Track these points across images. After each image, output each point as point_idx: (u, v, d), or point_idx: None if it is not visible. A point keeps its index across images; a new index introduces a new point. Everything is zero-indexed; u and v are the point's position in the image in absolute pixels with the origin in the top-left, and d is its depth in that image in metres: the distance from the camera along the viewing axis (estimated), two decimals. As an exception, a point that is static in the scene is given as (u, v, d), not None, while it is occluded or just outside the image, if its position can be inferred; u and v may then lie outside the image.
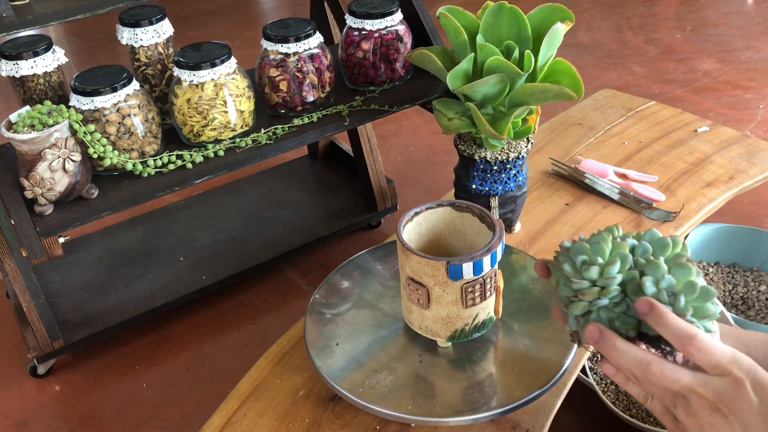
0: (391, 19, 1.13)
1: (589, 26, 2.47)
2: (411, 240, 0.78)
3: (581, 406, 1.07)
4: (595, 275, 0.55)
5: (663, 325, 0.52)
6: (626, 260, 0.55)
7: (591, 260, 0.56)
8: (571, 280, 0.56)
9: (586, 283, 0.56)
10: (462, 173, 1.02)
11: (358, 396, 0.74)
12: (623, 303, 0.56)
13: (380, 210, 1.43)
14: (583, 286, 0.56)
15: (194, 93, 0.99)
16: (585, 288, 0.56)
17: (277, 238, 1.36)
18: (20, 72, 0.99)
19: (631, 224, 1.06)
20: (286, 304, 1.33)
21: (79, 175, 0.93)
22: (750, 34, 2.33)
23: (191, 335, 1.27)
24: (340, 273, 0.91)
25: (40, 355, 1.14)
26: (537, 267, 0.62)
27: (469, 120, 0.96)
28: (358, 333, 0.82)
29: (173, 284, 1.27)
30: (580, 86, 0.90)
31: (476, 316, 0.76)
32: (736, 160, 1.20)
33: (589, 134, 1.31)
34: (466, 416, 0.71)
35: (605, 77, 2.10)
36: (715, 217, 1.24)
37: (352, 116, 1.10)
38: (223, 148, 1.03)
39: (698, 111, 1.85)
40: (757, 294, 1.17)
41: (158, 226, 1.41)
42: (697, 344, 0.51)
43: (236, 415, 0.80)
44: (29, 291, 1.07)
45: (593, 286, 0.55)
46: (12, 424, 1.12)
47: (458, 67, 0.91)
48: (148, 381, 1.18)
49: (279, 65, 1.06)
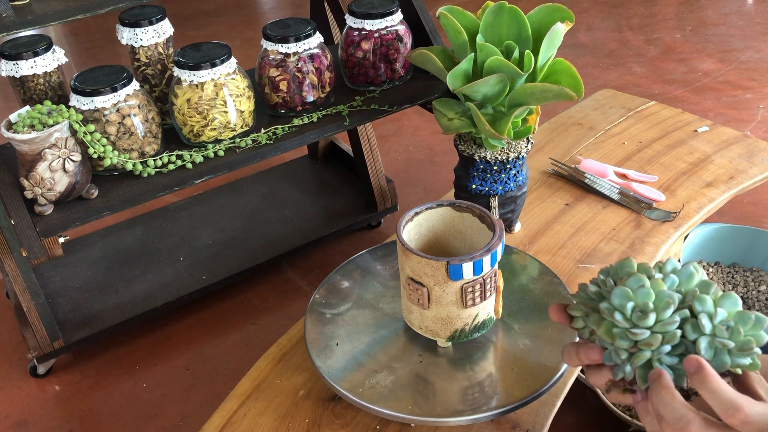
0: (391, 19, 1.13)
1: (589, 26, 2.47)
2: (411, 240, 0.78)
3: (581, 406, 1.07)
4: (652, 322, 0.52)
5: (708, 390, 0.49)
6: (675, 300, 0.52)
7: (643, 306, 0.52)
8: (630, 331, 0.52)
9: (647, 332, 0.52)
10: (462, 173, 1.02)
11: (358, 396, 0.74)
12: (681, 345, 0.52)
13: (380, 210, 1.44)
14: (644, 337, 0.52)
15: (194, 93, 0.99)
16: (647, 338, 0.52)
17: (277, 238, 1.36)
18: (20, 72, 0.99)
19: (631, 224, 1.06)
20: (286, 304, 1.33)
21: (79, 175, 0.93)
22: (750, 34, 2.33)
23: (191, 335, 1.27)
24: (340, 273, 0.91)
25: (40, 355, 1.14)
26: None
27: (469, 120, 0.96)
28: (358, 333, 0.82)
29: (173, 284, 1.27)
30: (580, 86, 0.90)
31: (476, 316, 0.76)
32: (736, 160, 1.20)
33: (589, 134, 1.31)
34: (466, 416, 0.71)
35: (605, 77, 2.10)
36: (715, 217, 1.24)
37: (352, 116, 1.10)
38: (223, 148, 1.03)
39: (698, 111, 1.85)
40: (757, 294, 1.17)
41: (158, 226, 1.42)
42: (742, 417, 0.48)
43: (236, 415, 0.80)
44: (29, 291, 1.07)
45: (652, 333, 0.52)
46: (12, 424, 1.12)
47: (458, 67, 0.91)
48: (148, 381, 1.18)
49: (279, 65, 1.06)
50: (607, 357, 0.55)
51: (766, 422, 0.48)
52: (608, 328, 0.54)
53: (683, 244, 1.11)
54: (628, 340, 0.53)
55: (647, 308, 0.52)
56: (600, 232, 1.05)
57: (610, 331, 0.53)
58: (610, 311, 0.53)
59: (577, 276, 0.97)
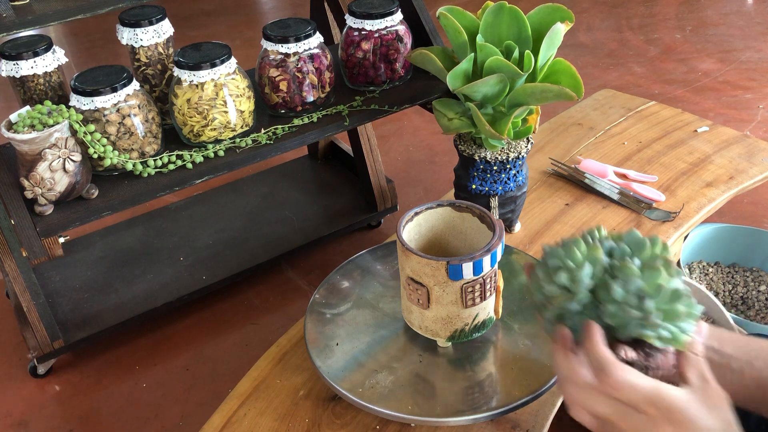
0: (391, 19, 1.13)
1: (589, 26, 2.47)
2: (411, 240, 0.78)
3: (581, 406, 1.07)
4: (564, 280, 0.55)
5: (586, 348, 0.52)
6: (597, 264, 0.54)
7: (562, 265, 0.55)
8: (542, 285, 0.56)
9: (555, 288, 0.55)
10: (462, 173, 1.02)
11: (358, 396, 0.74)
12: (595, 308, 0.55)
13: (380, 210, 1.43)
14: (553, 292, 0.55)
15: (194, 93, 0.99)
16: (555, 293, 0.55)
17: (277, 238, 1.36)
18: (20, 72, 0.99)
19: (631, 224, 1.06)
20: (286, 304, 1.33)
21: (79, 175, 0.93)
22: (750, 34, 2.33)
23: (191, 335, 1.27)
24: (340, 273, 0.91)
25: (40, 355, 1.14)
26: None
27: (469, 120, 0.96)
28: (358, 333, 0.82)
29: (173, 284, 1.27)
30: (580, 86, 0.90)
31: (476, 316, 0.76)
32: (736, 160, 1.20)
33: (589, 134, 1.31)
34: (466, 416, 0.71)
35: (605, 77, 2.10)
36: (715, 217, 1.24)
37: (352, 116, 1.10)
38: (223, 148, 1.03)
39: (698, 111, 1.85)
40: (757, 294, 1.17)
41: (158, 226, 1.42)
42: (611, 381, 0.50)
43: (236, 415, 0.80)
44: (29, 291, 1.07)
45: (566, 291, 0.55)
46: (12, 424, 1.12)
47: (458, 67, 0.91)
48: (148, 381, 1.18)
49: (279, 65, 1.06)
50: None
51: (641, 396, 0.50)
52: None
53: (683, 244, 1.11)
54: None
55: (565, 267, 0.55)
56: (600, 232, 1.05)
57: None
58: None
59: (577, 276, 0.97)
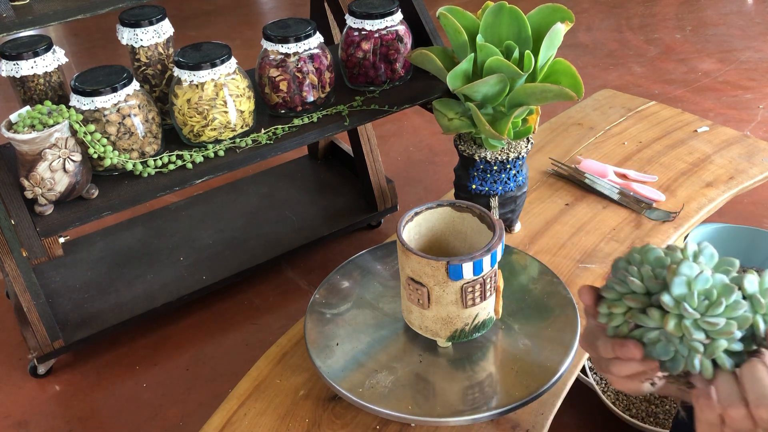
0: (391, 20, 1.13)
1: (589, 26, 2.47)
2: (411, 240, 0.78)
3: (581, 406, 1.07)
4: (722, 309, 0.49)
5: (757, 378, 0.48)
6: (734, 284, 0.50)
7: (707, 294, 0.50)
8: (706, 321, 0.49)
9: (723, 320, 0.49)
10: (462, 173, 1.02)
11: (358, 396, 0.74)
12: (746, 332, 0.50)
13: (380, 210, 1.43)
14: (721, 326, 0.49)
15: (194, 93, 0.99)
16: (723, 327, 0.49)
17: (277, 238, 1.36)
18: (20, 72, 0.99)
19: (631, 224, 1.06)
20: (286, 304, 1.33)
21: (80, 175, 0.93)
22: (750, 34, 2.33)
23: (191, 335, 1.27)
24: (340, 273, 0.91)
25: (40, 355, 1.14)
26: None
27: (469, 120, 0.96)
28: (358, 333, 0.82)
29: (173, 284, 1.27)
30: (580, 86, 0.90)
31: (476, 316, 0.76)
32: (736, 160, 1.20)
33: (589, 134, 1.31)
34: (466, 416, 0.71)
35: (605, 77, 2.10)
36: (715, 217, 1.24)
37: (352, 116, 1.10)
38: (223, 148, 1.03)
39: (698, 111, 1.85)
40: (757, 294, 1.17)
41: (158, 226, 1.42)
42: None
43: (236, 415, 0.80)
44: (29, 291, 1.07)
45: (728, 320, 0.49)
46: (12, 424, 1.12)
47: (458, 67, 0.91)
48: (148, 381, 1.18)
49: (279, 65, 1.06)
50: (663, 351, 0.52)
51: None
52: (677, 321, 0.50)
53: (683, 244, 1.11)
54: (701, 330, 0.49)
55: (712, 295, 0.49)
56: (600, 232, 1.05)
57: (680, 324, 0.50)
58: (677, 303, 0.50)
59: (578, 276, 0.97)
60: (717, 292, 0.50)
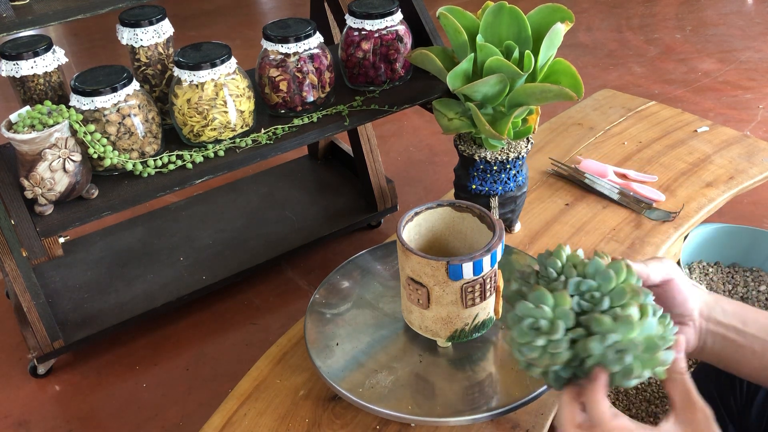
0: (391, 19, 1.13)
1: (589, 26, 2.47)
2: (411, 240, 0.78)
3: (581, 406, 1.07)
4: (542, 343, 0.55)
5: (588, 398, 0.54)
6: (569, 318, 0.55)
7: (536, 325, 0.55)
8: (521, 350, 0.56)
9: (538, 350, 0.55)
10: (462, 173, 1.02)
11: (358, 396, 0.74)
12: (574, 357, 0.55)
13: (380, 210, 1.43)
14: (534, 356, 0.56)
15: (194, 93, 0.99)
16: (538, 355, 0.55)
17: (277, 238, 1.36)
18: (20, 72, 0.99)
19: (631, 224, 1.06)
20: (286, 304, 1.33)
21: (79, 175, 0.93)
22: (750, 34, 2.33)
23: (191, 335, 1.27)
24: (340, 273, 0.91)
25: (40, 355, 1.14)
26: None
27: (469, 120, 0.96)
28: (358, 333, 0.82)
29: (173, 284, 1.27)
30: (580, 86, 0.90)
31: (476, 316, 0.76)
32: (736, 160, 1.20)
33: (589, 134, 1.31)
34: (466, 416, 0.71)
35: (605, 77, 2.10)
36: (715, 217, 1.24)
37: (352, 116, 1.10)
38: (223, 148, 1.03)
39: (698, 111, 1.85)
40: (757, 294, 1.17)
41: (158, 226, 1.42)
42: None
43: (236, 415, 0.80)
44: (29, 291, 1.07)
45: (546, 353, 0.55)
46: (12, 424, 1.12)
47: (458, 67, 0.91)
48: (148, 381, 1.18)
49: (279, 65, 1.06)
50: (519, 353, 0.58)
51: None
52: (510, 340, 0.58)
53: (683, 244, 1.11)
54: (521, 354, 0.57)
55: (542, 328, 0.55)
56: (600, 232, 1.05)
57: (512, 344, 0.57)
58: (514, 322, 0.57)
59: (577, 276, 0.97)
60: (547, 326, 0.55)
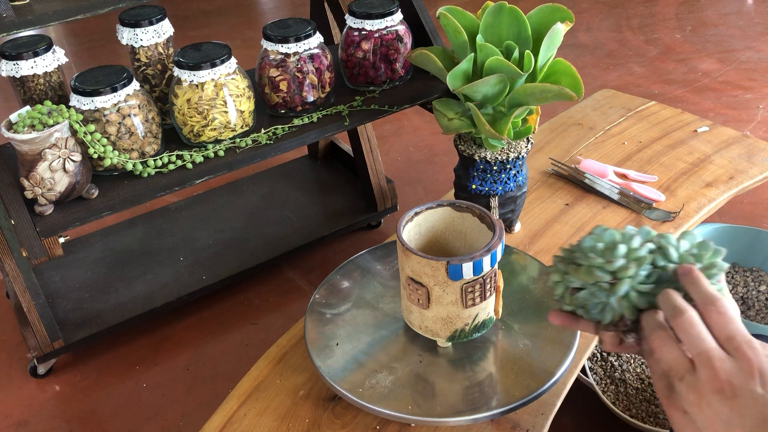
0: (391, 20, 1.13)
1: (589, 26, 2.47)
2: (411, 240, 0.78)
3: (581, 406, 1.07)
4: (624, 251, 0.55)
5: (696, 284, 0.53)
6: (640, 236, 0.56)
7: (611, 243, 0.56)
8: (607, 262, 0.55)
9: (622, 260, 0.55)
10: (462, 173, 1.02)
11: (358, 396, 0.74)
12: (655, 273, 0.56)
13: (380, 210, 1.43)
14: (620, 264, 0.55)
15: (194, 93, 0.99)
16: (623, 265, 0.55)
17: (277, 238, 1.36)
18: (20, 72, 0.99)
19: (631, 224, 1.06)
20: (286, 304, 1.33)
21: (80, 175, 0.93)
22: (750, 34, 2.33)
23: (191, 335, 1.27)
24: (340, 273, 0.91)
25: (40, 355, 1.14)
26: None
27: (469, 120, 0.96)
28: (358, 333, 0.82)
29: (173, 284, 1.26)
30: (580, 86, 0.90)
31: (476, 316, 0.76)
32: (736, 160, 1.20)
33: (589, 134, 1.31)
34: (466, 416, 0.71)
35: (605, 77, 2.10)
36: (715, 217, 1.24)
37: (352, 116, 1.10)
38: (223, 148, 1.03)
39: (698, 111, 1.85)
40: (757, 294, 1.17)
41: (158, 226, 1.42)
42: (719, 307, 0.51)
43: (236, 415, 0.80)
44: (29, 291, 1.07)
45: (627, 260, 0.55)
46: (12, 424, 1.12)
47: (458, 67, 0.91)
48: (148, 381, 1.18)
49: (279, 65, 1.06)
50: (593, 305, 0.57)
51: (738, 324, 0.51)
52: (586, 269, 0.57)
53: (683, 244, 1.11)
54: (606, 273, 0.55)
55: (616, 241, 0.56)
56: (600, 232, 1.05)
57: (589, 271, 0.56)
58: (584, 254, 0.57)
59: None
60: (617, 240, 0.56)
